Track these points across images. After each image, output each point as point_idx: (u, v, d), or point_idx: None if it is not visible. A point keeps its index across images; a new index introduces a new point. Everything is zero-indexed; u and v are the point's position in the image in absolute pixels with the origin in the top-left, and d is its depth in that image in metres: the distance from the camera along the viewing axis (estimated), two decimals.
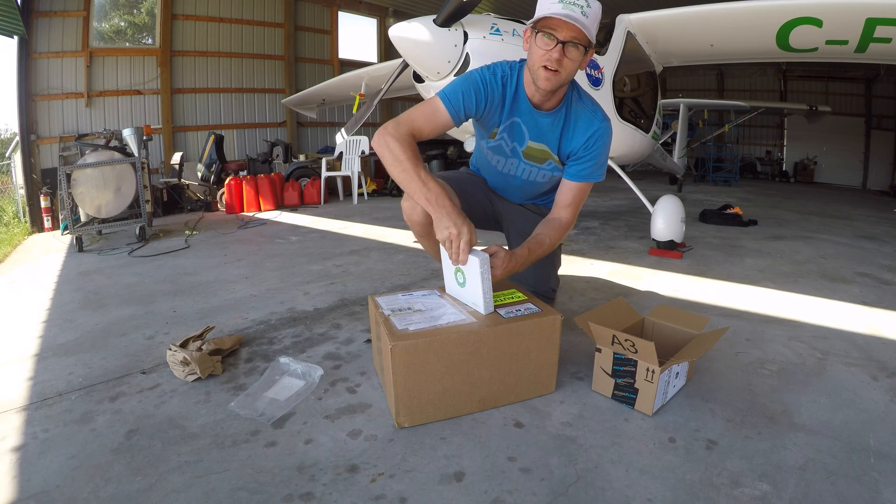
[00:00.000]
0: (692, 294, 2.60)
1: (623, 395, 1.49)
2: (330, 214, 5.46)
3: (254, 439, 1.34)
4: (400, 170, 1.45)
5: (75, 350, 1.98)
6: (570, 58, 1.46)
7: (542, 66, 1.47)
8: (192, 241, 4.14)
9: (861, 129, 10.45)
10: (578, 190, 1.68)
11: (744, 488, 1.14)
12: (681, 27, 3.56)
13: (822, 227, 4.66)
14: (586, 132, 1.62)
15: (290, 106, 7.55)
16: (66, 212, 3.97)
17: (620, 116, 3.57)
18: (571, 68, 1.49)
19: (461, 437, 1.34)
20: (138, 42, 6.73)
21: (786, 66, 10.85)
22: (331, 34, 8.70)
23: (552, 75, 1.48)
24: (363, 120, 3.56)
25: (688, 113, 7.32)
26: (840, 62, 5.22)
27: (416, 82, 2.83)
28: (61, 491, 1.16)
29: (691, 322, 1.72)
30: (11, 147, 7.45)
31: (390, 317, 1.45)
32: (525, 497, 1.12)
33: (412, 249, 3.61)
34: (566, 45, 1.44)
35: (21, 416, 1.48)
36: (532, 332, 1.45)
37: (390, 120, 1.52)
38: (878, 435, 1.35)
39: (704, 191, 7.80)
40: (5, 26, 4.70)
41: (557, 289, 2.11)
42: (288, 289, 2.73)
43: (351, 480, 1.18)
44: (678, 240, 3.40)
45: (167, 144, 6.68)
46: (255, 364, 1.81)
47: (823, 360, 1.82)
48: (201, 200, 5.99)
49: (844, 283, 2.79)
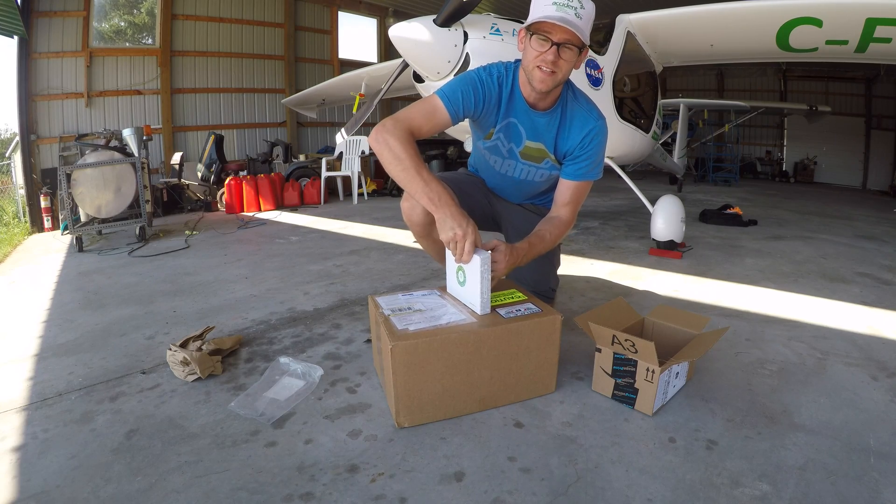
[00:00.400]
0: (692, 294, 2.60)
1: (623, 395, 1.49)
2: (330, 214, 5.46)
3: (254, 439, 1.34)
4: (400, 168, 1.43)
5: (75, 350, 1.98)
6: (564, 59, 1.47)
7: (537, 67, 1.48)
8: (192, 241, 4.14)
9: (861, 129, 10.44)
10: (576, 189, 1.68)
11: (744, 488, 1.14)
12: (681, 27, 3.56)
13: (822, 227, 4.66)
14: (582, 131, 1.62)
15: (290, 106, 7.55)
16: (66, 212, 3.97)
17: (620, 116, 3.56)
18: (566, 69, 1.51)
19: (461, 437, 1.34)
20: (138, 42, 6.73)
21: (786, 66, 10.85)
22: (331, 34, 8.70)
23: (547, 76, 1.49)
24: (363, 120, 3.56)
25: (688, 113, 7.32)
26: (840, 62, 5.21)
27: (416, 82, 2.83)
28: (61, 491, 1.16)
29: (691, 322, 1.72)
30: (11, 147, 7.45)
31: (390, 317, 1.45)
32: (525, 497, 1.12)
33: (412, 249, 3.61)
34: (560, 46, 1.45)
35: (21, 416, 1.48)
36: (532, 332, 1.45)
37: (387, 117, 1.50)
38: (878, 435, 1.35)
39: (704, 191, 7.80)
40: (5, 26, 4.70)
41: (557, 288, 2.11)
42: (288, 289, 2.73)
43: (351, 480, 1.18)
44: (678, 240, 3.40)
45: (167, 144, 6.68)
46: (255, 364, 1.81)
47: (823, 360, 1.82)
48: (201, 200, 5.99)
49: (844, 283, 2.79)
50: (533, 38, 1.48)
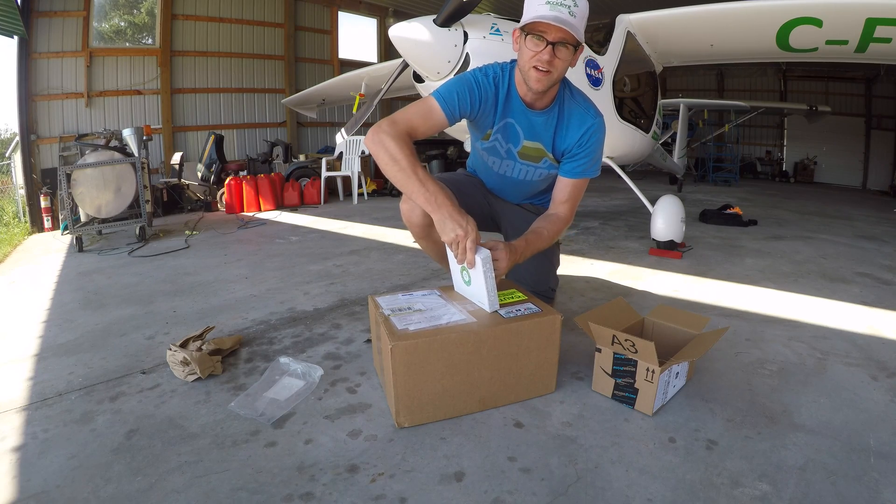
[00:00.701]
0: (692, 294, 2.60)
1: (623, 395, 1.49)
2: (330, 214, 5.46)
3: (254, 439, 1.34)
4: (397, 169, 1.43)
5: (75, 350, 1.98)
6: (560, 58, 1.48)
7: (533, 67, 1.49)
8: (192, 241, 4.14)
9: (861, 129, 10.44)
10: (574, 186, 1.68)
11: (744, 488, 1.14)
12: (681, 27, 3.56)
13: (822, 227, 4.66)
14: (580, 129, 1.62)
15: (290, 106, 7.55)
16: (66, 212, 3.97)
17: (620, 116, 3.56)
18: (562, 68, 1.51)
19: (461, 437, 1.34)
20: (138, 42, 6.73)
21: (786, 66, 10.84)
22: (331, 34, 8.70)
23: (543, 76, 1.49)
24: (363, 120, 3.56)
25: (688, 113, 7.32)
26: (840, 62, 5.21)
27: (416, 82, 2.83)
28: (61, 491, 1.15)
29: (691, 322, 1.72)
30: (11, 147, 7.45)
31: (390, 317, 1.45)
32: (525, 497, 1.12)
33: (412, 249, 3.61)
34: (556, 45, 1.45)
35: (21, 416, 1.48)
36: (532, 332, 1.45)
37: (383, 119, 1.50)
38: (878, 435, 1.35)
39: (704, 191, 7.80)
40: (5, 26, 4.70)
41: (557, 288, 2.11)
42: (288, 289, 2.73)
43: (351, 480, 1.18)
44: (678, 240, 3.40)
45: (167, 144, 6.68)
46: (255, 364, 1.81)
47: (823, 360, 1.82)
48: (201, 200, 5.99)
49: (844, 283, 2.79)
50: (528, 38, 1.48)
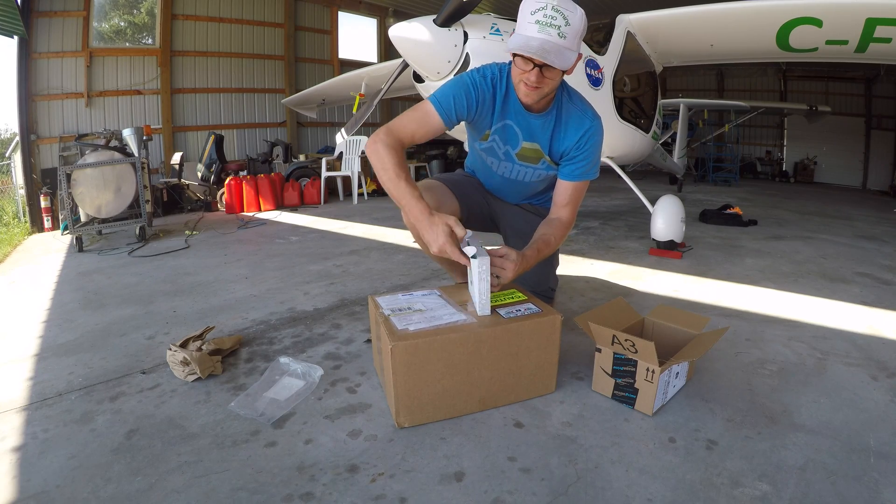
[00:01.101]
0: (692, 294, 2.60)
1: (623, 395, 1.49)
2: (330, 214, 5.46)
3: (254, 439, 1.34)
4: (386, 178, 1.49)
5: (75, 350, 1.98)
6: (548, 77, 1.48)
7: (522, 83, 1.50)
8: (192, 241, 4.14)
9: (861, 129, 10.44)
10: (575, 189, 1.68)
11: (744, 488, 1.14)
12: (681, 27, 3.56)
13: (822, 227, 4.66)
14: (578, 131, 1.62)
15: (290, 106, 7.55)
16: (66, 212, 3.97)
17: (620, 116, 3.56)
18: (552, 84, 1.51)
19: (461, 437, 1.34)
20: (138, 42, 6.73)
21: (786, 66, 10.84)
22: (331, 34, 8.70)
23: (532, 91, 1.50)
24: (363, 120, 3.56)
25: (688, 113, 7.32)
26: (840, 62, 5.21)
27: (416, 82, 2.83)
28: (61, 491, 1.15)
29: (691, 322, 1.72)
30: (11, 147, 7.46)
31: (390, 317, 1.45)
32: (525, 497, 1.12)
33: (412, 249, 3.61)
34: (543, 67, 1.44)
35: (21, 416, 1.48)
36: (532, 332, 1.45)
37: (383, 126, 1.56)
38: (878, 435, 1.35)
39: (704, 191, 7.80)
40: (5, 26, 4.70)
41: (557, 288, 2.11)
42: (288, 289, 2.73)
43: (351, 480, 1.18)
44: (678, 240, 3.40)
45: (167, 144, 6.68)
46: (255, 364, 1.81)
47: (823, 360, 1.82)
48: (201, 200, 5.98)
49: (844, 283, 2.79)
50: (516, 58, 1.48)
